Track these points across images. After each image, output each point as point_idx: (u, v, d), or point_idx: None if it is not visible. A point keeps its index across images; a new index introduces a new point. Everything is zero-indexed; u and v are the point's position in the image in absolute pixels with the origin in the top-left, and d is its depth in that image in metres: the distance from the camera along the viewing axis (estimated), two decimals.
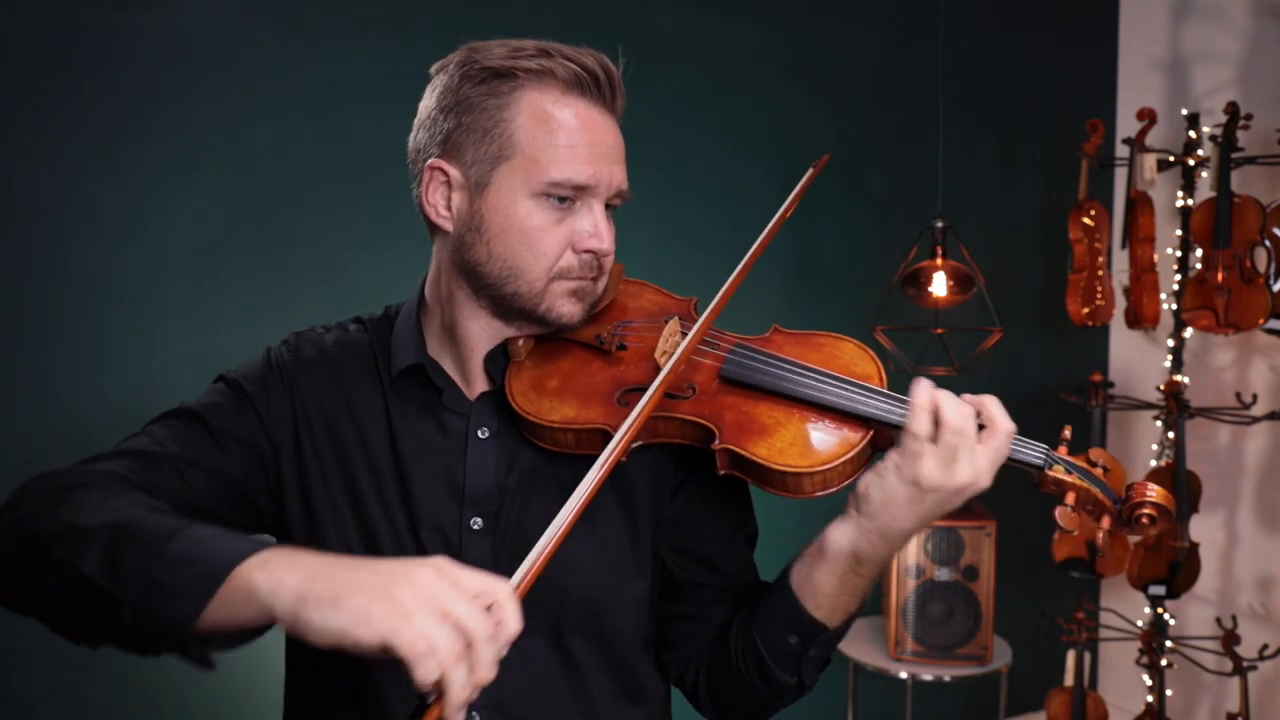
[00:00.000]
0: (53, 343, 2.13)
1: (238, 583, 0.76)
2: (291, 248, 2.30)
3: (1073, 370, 3.15)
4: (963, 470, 0.92)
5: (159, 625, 0.78)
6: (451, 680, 0.71)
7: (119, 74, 2.13)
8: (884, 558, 0.99)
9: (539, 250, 1.00)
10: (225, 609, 0.77)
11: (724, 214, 2.77)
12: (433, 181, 1.03)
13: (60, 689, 2.16)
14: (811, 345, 1.05)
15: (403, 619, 0.71)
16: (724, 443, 0.96)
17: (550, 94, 1.00)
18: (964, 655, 2.64)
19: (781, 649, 1.03)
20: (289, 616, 0.75)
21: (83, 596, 0.81)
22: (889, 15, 2.97)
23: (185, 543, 0.80)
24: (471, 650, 0.72)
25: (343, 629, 0.72)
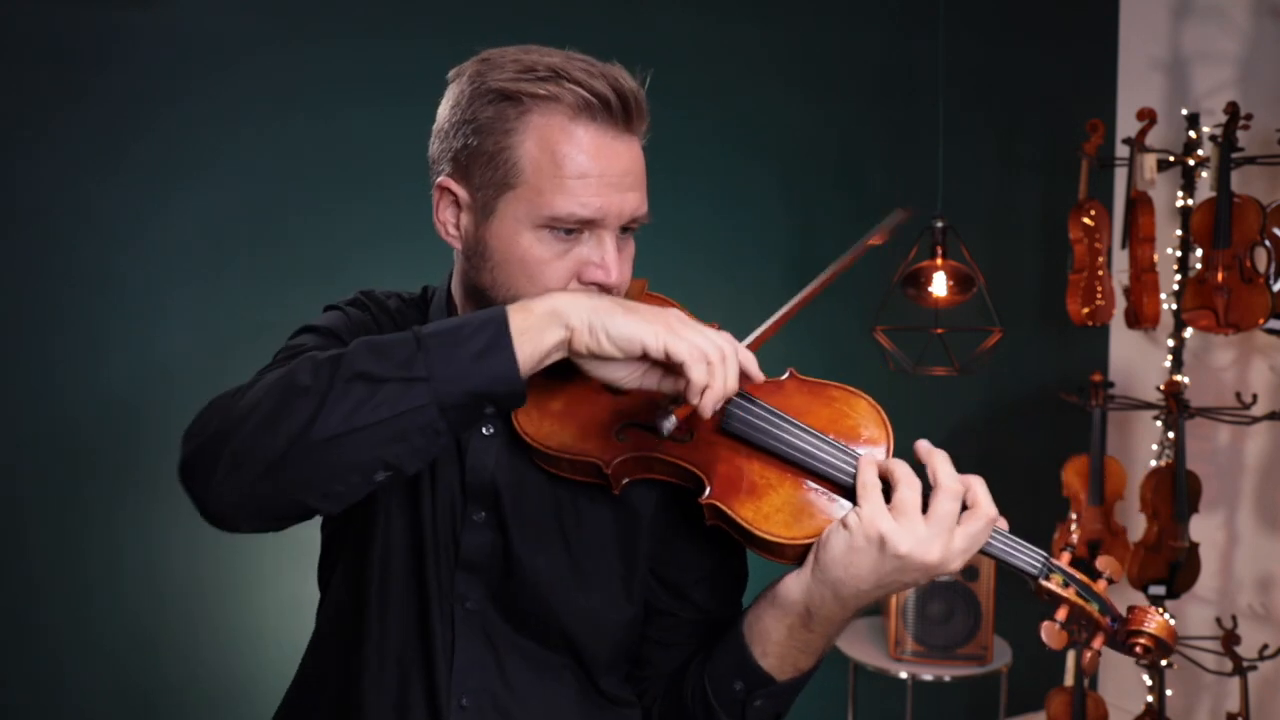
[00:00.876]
0: (53, 343, 2.13)
1: (533, 312, 0.86)
2: (291, 247, 2.31)
3: (1073, 370, 3.14)
4: (931, 545, 0.89)
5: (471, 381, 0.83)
6: (715, 376, 0.86)
7: (119, 74, 2.13)
8: (836, 618, 0.95)
9: (541, 283, 0.96)
10: (527, 339, 0.84)
11: (724, 214, 2.78)
12: (443, 200, 1.02)
13: (60, 690, 2.16)
14: (823, 399, 1.02)
15: (675, 334, 0.86)
16: (712, 498, 0.95)
17: (557, 120, 0.94)
18: (964, 655, 2.64)
19: (727, 694, 1.01)
20: (584, 324, 0.85)
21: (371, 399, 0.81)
22: (889, 15, 2.97)
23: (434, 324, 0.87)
24: (725, 361, 0.87)
25: (634, 334, 0.85)
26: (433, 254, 1.14)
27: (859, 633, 2.86)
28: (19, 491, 2.12)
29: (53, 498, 2.14)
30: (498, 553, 1.04)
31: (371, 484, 0.85)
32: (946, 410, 3.07)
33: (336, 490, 0.84)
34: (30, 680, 2.14)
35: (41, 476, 2.14)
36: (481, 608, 1.04)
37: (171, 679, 2.26)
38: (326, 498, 0.84)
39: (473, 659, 1.04)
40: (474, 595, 1.04)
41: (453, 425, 0.84)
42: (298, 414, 0.81)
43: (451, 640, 1.04)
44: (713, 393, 0.86)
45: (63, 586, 2.16)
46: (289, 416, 0.81)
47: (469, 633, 1.04)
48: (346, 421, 0.81)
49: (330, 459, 0.82)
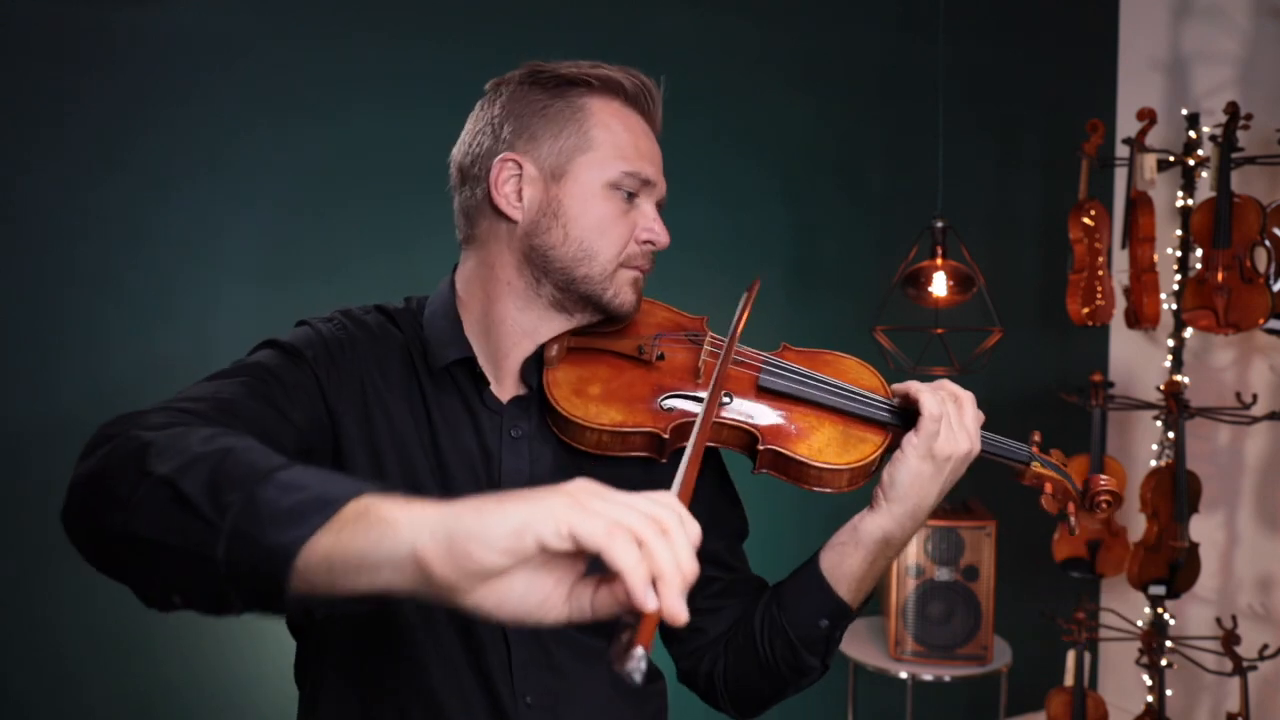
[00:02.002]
0: (54, 342, 2.13)
1: (370, 512, 0.67)
2: (292, 247, 2.31)
3: (1073, 370, 3.15)
4: (961, 438, 1.08)
5: (255, 554, 0.67)
6: (659, 557, 0.63)
7: (119, 74, 2.13)
8: (909, 538, 1.12)
9: (612, 235, 1.09)
10: (347, 543, 0.66)
11: (723, 214, 2.78)
12: (504, 173, 1.09)
13: (60, 691, 2.16)
14: (820, 361, 1.18)
15: (582, 510, 0.63)
16: (768, 444, 1.08)
17: (616, 102, 1.11)
18: (964, 655, 2.64)
19: (813, 634, 1.12)
20: (441, 541, 0.64)
21: (176, 523, 0.71)
22: (889, 15, 2.97)
23: (297, 473, 0.71)
24: (668, 536, 0.64)
25: (520, 525, 0.63)
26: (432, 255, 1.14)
27: (859, 633, 2.86)
28: (19, 491, 2.12)
29: (53, 497, 2.14)
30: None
31: (171, 604, 0.74)
32: None
33: (143, 591, 0.76)
34: (31, 680, 2.13)
35: (42, 476, 2.14)
36: None
37: (171, 679, 2.25)
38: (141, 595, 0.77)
39: (528, 658, 1.07)
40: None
41: (242, 599, 0.70)
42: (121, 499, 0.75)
43: (505, 645, 1.06)
44: (667, 583, 0.63)
45: (63, 586, 2.16)
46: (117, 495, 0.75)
47: (519, 637, 1.06)
48: (152, 530, 0.73)
49: (137, 557, 0.75)
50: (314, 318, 1.12)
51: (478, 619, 0.77)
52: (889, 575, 2.72)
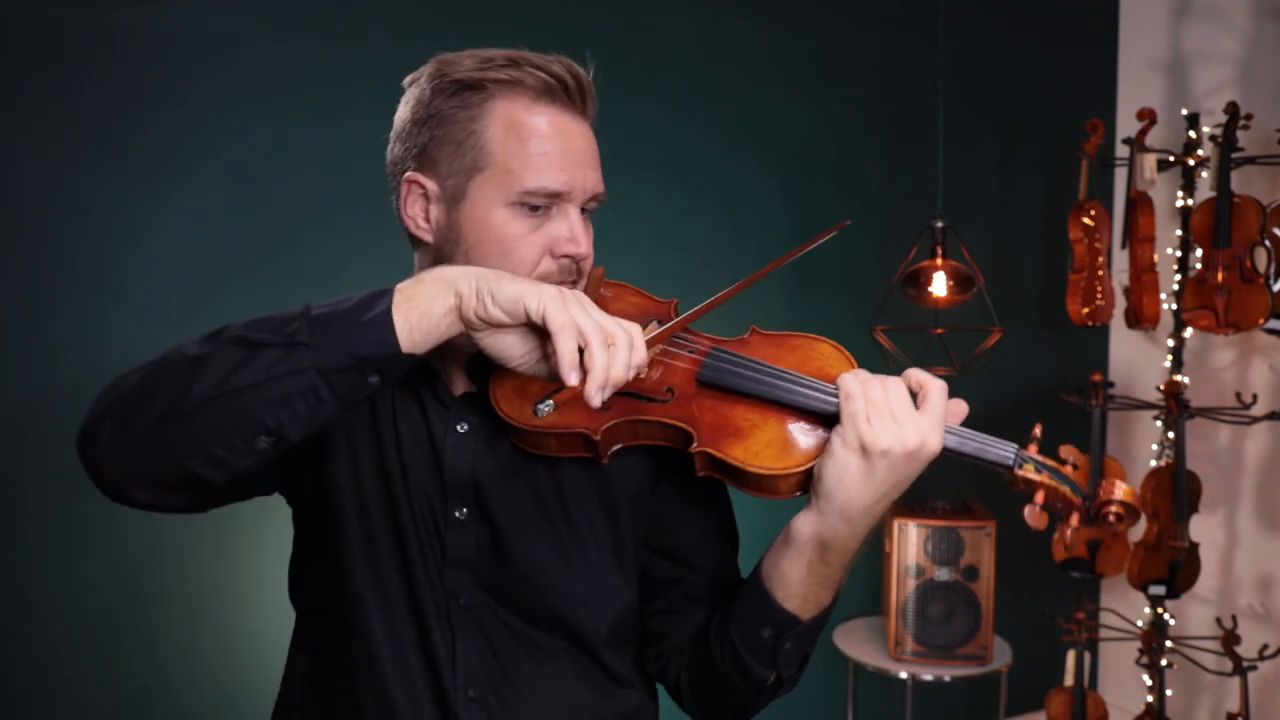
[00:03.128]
0: (53, 342, 2.13)
1: (423, 280, 0.87)
2: (291, 248, 2.31)
3: (1073, 370, 3.15)
4: (905, 430, 0.92)
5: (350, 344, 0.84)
6: (595, 358, 0.84)
7: (119, 74, 2.13)
8: (850, 544, 0.98)
9: (516, 259, 1.00)
10: (414, 306, 0.85)
11: (723, 214, 2.78)
12: (410, 194, 1.04)
13: (61, 689, 2.16)
14: (787, 347, 1.07)
15: (561, 303, 0.85)
16: (702, 445, 0.98)
17: (520, 103, 1.00)
18: (964, 655, 2.65)
19: (757, 643, 1.03)
20: (472, 290, 0.86)
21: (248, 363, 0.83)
22: (889, 15, 2.97)
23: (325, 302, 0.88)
24: (613, 348, 0.85)
25: (519, 294, 0.85)
26: None
27: (859, 633, 2.86)
28: (19, 491, 2.12)
29: (53, 497, 2.14)
30: (485, 547, 1.06)
31: (254, 450, 0.85)
32: None
33: (218, 454, 0.85)
34: (31, 679, 2.14)
35: (42, 475, 2.14)
36: (474, 602, 1.06)
37: (172, 679, 2.26)
38: (211, 463, 0.86)
39: (473, 652, 1.06)
40: (465, 591, 1.06)
41: (336, 392, 0.85)
42: (177, 378, 0.84)
43: (451, 636, 1.05)
44: (592, 378, 0.84)
45: (64, 586, 2.16)
46: (169, 381, 0.85)
47: (466, 627, 1.06)
48: (223, 383, 0.83)
49: (208, 421, 0.84)
50: None
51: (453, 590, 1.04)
52: (889, 575, 2.72)
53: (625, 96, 2.59)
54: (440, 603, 1.05)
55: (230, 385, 0.83)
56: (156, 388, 0.85)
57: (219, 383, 0.83)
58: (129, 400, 0.86)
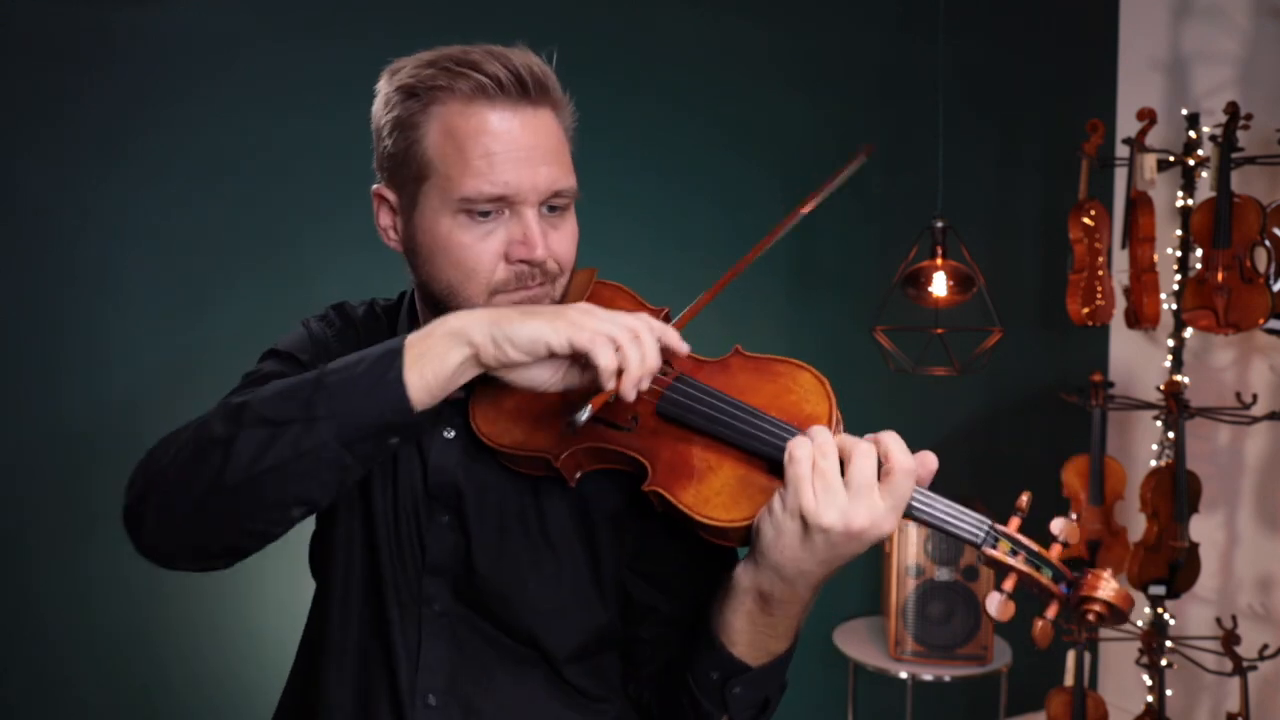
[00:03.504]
0: (53, 342, 2.13)
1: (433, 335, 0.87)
2: (292, 247, 2.31)
3: (1073, 370, 3.14)
4: (858, 511, 0.84)
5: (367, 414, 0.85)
6: (629, 355, 0.86)
7: (119, 74, 2.13)
8: (792, 600, 0.92)
9: (468, 267, 0.98)
10: (428, 363, 0.86)
11: (723, 215, 2.78)
12: (380, 207, 1.05)
13: (61, 689, 2.16)
14: (768, 375, 0.98)
15: (577, 326, 0.86)
16: (653, 484, 0.93)
17: (455, 106, 0.97)
18: (964, 655, 2.64)
19: (707, 684, 0.99)
20: (486, 338, 0.86)
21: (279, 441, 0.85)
22: (889, 15, 2.97)
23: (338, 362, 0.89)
24: (639, 339, 0.87)
25: (535, 335, 0.85)
26: None
27: (859, 633, 2.86)
28: (19, 491, 2.12)
29: (52, 497, 2.14)
30: (461, 554, 1.05)
31: (289, 520, 0.89)
32: (946, 410, 3.07)
33: (257, 529, 0.89)
34: (31, 679, 2.14)
35: (41, 476, 2.14)
36: (448, 609, 1.05)
37: (172, 679, 2.26)
38: (251, 536, 0.90)
39: (439, 658, 1.05)
40: (441, 597, 1.05)
41: (360, 458, 0.87)
42: (210, 463, 0.86)
43: (418, 641, 1.05)
44: (629, 375, 0.85)
45: (63, 586, 2.16)
46: (202, 465, 0.87)
47: (435, 633, 1.05)
48: (253, 465, 0.85)
49: (243, 502, 0.86)
50: (312, 317, 1.16)
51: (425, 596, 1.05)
52: (889, 575, 2.72)
53: (625, 96, 2.59)
54: (410, 606, 1.05)
55: (260, 467, 0.85)
56: (191, 473, 0.87)
57: (249, 464, 0.85)
58: (167, 486, 0.89)
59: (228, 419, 0.88)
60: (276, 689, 1.19)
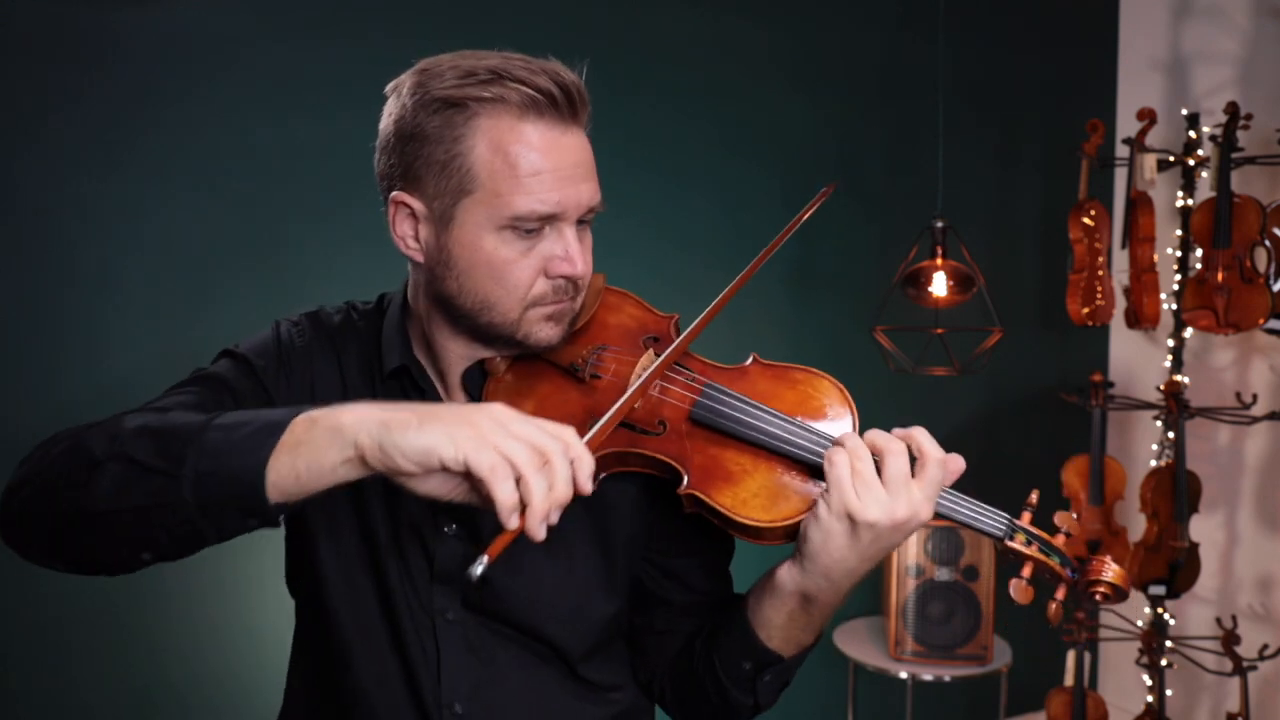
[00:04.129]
0: (53, 342, 2.13)
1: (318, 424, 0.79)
2: (291, 247, 2.31)
3: (1073, 370, 3.15)
4: (896, 503, 0.90)
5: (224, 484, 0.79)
6: (532, 490, 0.76)
7: (119, 74, 2.13)
8: (833, 599, 0.98)
9: (510, 283, 0.97)
10: (302, 453, 0.79)
11: (723, 215, 2.78)
12: (398, 214, 1.01)
13: (62, 688, 2.16)
14: (787, 382, 1.03)
15: (479, 441, 0.76)
16: (690, 487, 0.95)
17: (505, 121, 0.95)
18: (964, 655, 2.64)
19: (737, 673, 1.04)
20: (373, 443, 0.77)
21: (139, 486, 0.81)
22: (889, 15, 2.97)
23: (231, 416, 0.83)
24: (549, 467, 0.77)
25: (428, 447, 0.76)
26: None
27: (859, 633, 2.86)
28: None
29: None
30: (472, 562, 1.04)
31: (140, 562, 0.86)
32: (946, 410, 3.07)
33: (106, 561, 0.87)
34: (32, 679, 2.13)
35: None
36: (461, 617, 1.05)
37: (172, 678, 2.26)
38: (101, 566, 0.88)
39: (459, 666, 1.05)
40: (453, 606, 1.05)
41: (216, 529, 0.81)
42: (73, 483, 0.84)
43: (436, 653, 1.04)
44: (532, 511, 0.76)
45: (63, 585, 2.16)
46: (66, 483, 0.84)
47: (452, 642, 1.05)
48: (111, 500, 0.82)
49: (95, 533, 0.84)
50: (285, 317, 1.13)
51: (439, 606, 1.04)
52: (889, 575, 2.72)
53: (625, 96, 2.59)
54: (423, 619, 1.04)
55: (116, 504, 0.82)
56: (55, 486, 0.85)
57: (107, 499, 0.82)
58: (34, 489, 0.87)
59: (108, 441, 0.84)
60: (276, 688, 1.19)
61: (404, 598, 1.04)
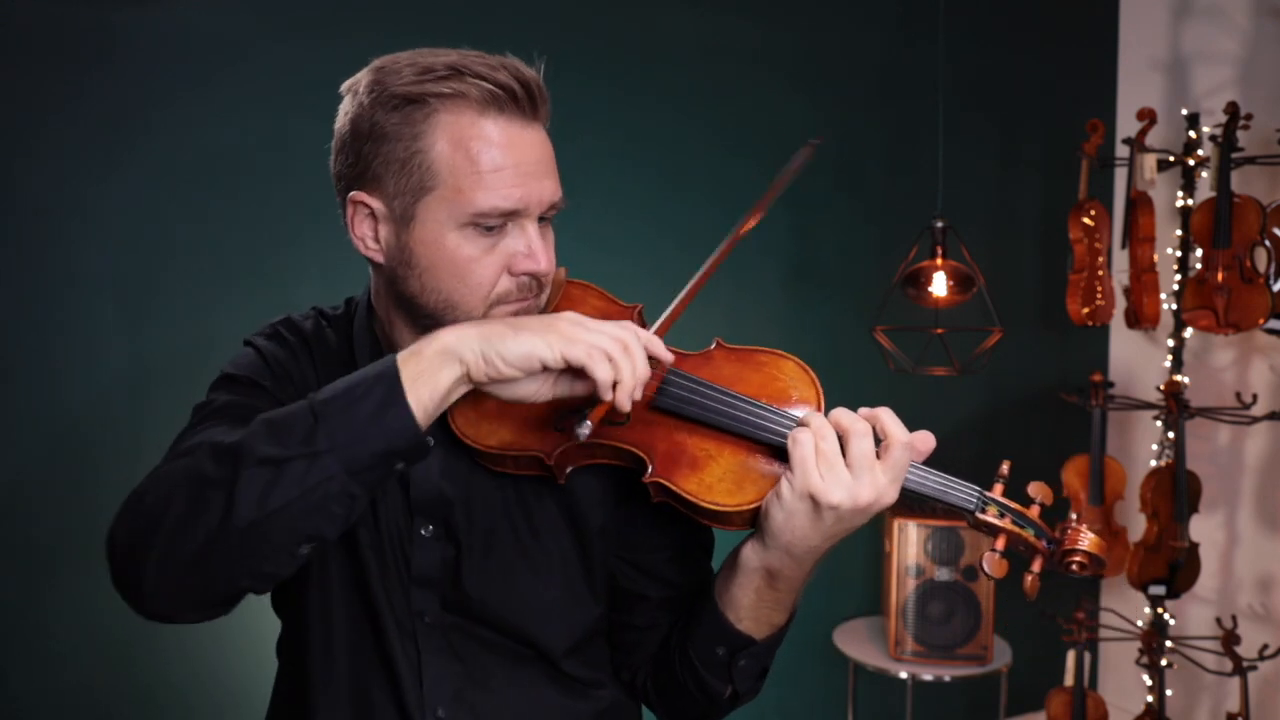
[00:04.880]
0: (53, 342, 2.13)
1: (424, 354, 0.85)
2: (291, 247, 2.31)
3: (1073, 370, 3.15)
4: (859, 486, 0.90)
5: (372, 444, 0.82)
6: (621, 368, 0.87)
7: (119, 74, 2.13)
8: (798, 575, 0.98)
9: (473, 281, 0.96)
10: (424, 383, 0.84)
11: (723, 214, 2.77)
12: (357, 214, 1.00)
13: (63, 688, 2.16)
14: (752, 364, 1.02)
15: (569, 339, 0.87)
16: (655, 475, 0.96)
17: (466, 116, 0.94)
18: (964, 655, 2.64)
19: (712, 659, 1.03)
20: (476, 356, 0.85)
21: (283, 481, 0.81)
22: (889, 15, 2.97)
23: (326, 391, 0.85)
24: (629, 350, 0.88)
25: (528, 351, 0.86)
26: None
27: (859, 633, 2.86)
28: (19, 491, 2.12)
29: (53, 497, 2.14)
30: (450, 563, 1.04)
31: (299, 558, 0.85)
32: (946, 410, 3.07)
33: (265, 571, 0.85)
34: (32, 678, 2.14)
35: (42, 474, 2.14)
36: (440, 619, 1.04)
37: (174, 678, 2.26)
38: (258, 578, 0.85)
39: (442, 669, 1.04)
40: (431, 609, 1.04)
41: (366, 486, 0.84)
42: (211, 508, 0.81)
43: (417, 656, 1.04)
44: (624, 386, 0.87)
45: (64, 585, 2.16)
46: (203, 512, 0.82)
47: (433, 645, 1.04)
48: (259, 507, 0.81)
49: (251, 545, 0.82)
50: (256, 334, 1.11)
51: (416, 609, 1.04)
52: (889, 575, 2.72)
53: (625, 96, 2.59)
54: (405, 622, 1.04)
55: (267, 508, 0.81)
56: (191, 520, 0.82)
57: (255, 507, 0.81)
58: (164, 536, 0.83)
59: (220, 460, 0.83)
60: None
61: (387, 603, 1.03)
